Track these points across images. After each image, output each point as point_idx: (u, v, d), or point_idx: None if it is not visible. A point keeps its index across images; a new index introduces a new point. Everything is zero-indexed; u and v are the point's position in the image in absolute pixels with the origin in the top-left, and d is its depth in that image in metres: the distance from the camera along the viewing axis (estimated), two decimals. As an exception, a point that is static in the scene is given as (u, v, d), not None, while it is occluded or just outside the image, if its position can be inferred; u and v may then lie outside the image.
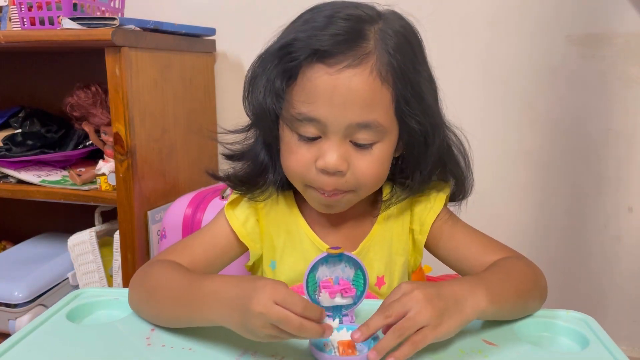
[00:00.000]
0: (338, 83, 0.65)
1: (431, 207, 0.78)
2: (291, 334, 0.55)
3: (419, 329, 0.57)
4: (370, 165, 0.69)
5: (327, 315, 0.64)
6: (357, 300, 0.65)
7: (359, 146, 0.68)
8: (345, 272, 0.65)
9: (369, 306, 0.71)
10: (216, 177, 0.81)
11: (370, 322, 0.58)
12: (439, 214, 0.79)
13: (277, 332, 0.55)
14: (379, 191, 0.78)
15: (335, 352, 0.60)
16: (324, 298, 0.64)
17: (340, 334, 0.63)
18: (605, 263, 1.50)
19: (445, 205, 0.80)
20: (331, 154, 0.67)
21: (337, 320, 0.62)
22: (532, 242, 1.53)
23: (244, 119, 0.80)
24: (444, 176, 0.79)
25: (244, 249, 0.80)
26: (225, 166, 0.82)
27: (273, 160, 0.76)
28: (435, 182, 0.79)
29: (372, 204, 0.81)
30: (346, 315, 0.65)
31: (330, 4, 0.70)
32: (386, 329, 0.58)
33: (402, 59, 0.67)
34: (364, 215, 0.80)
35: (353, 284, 0.65)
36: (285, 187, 0.79)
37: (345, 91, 0.65)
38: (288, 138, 0.70)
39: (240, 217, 0.79)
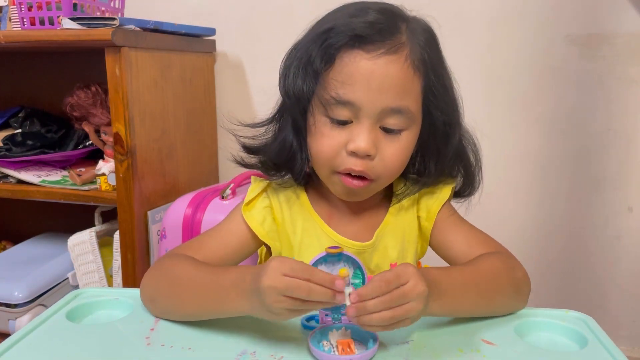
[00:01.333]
0: (375, 68, 0.68)
1: (437, 196, 0.81)
2: (305, 303, 0.57)
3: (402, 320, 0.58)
4: (397, 152, 0.72)
5: (326, 315, 0.64)
6: (356, 299, 0.65)
7: (388, 132, 0.71)
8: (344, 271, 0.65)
9: (368, 306, 0.71)
10: (246, 165, 0.82)
11: (371, 286, 0.58)
12: (444, 204, 0.81)
13: (292, 303, 0.57)
14: (390, 186, 0.81)
15: (334, 352, 0.60)
16: (323, 298, 0.64)
17: (339, 333, 0.63)
18: (605, 263, 1.50)
19: (450, 197, 0.82)
20: (362, 137, 0.69)
21: (351, 287, 0.61)
22: (532, 242, 1.53)
23: (244, 118, 0.80)
24: (452, 171, 0.81)
25: (255, 249, 0.82)
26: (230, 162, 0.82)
27: (300, 146, 0.77)
28: (444, 178, 0.82)
29: (383, 199, 0.83)
30: (345, 314, 0.65)
31: (360, 2, 0.74)
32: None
33: (431, 53, 0.72)
34: (376, 208, 0.82)
35: (352, 283, 0.65)
36: (302, 182, 0.81)
37: (381, 76, 0.68)
38: (320, 122, 0.72)
39: (257, 217, 0.80)
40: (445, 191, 0.81)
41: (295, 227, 0.81)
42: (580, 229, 1.51)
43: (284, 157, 0.77)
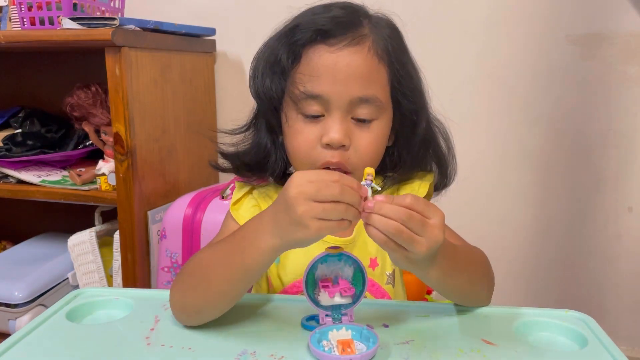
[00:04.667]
0: (339, 60, 0.70)
1: (416, 192, 0.81)
2: (336, 207, 0.56)
3: (402, 247, 0.57)
4: (370, 141, 0.73)
5: (326, 315, 0.64)
6: (356, 299, 0.65)
7: (359, 122, 0.72)
8: (344, 271, 0.65)
9: (368, 306, 0.71)
10: (218, 168, 0.84)
11: (398, 198, 0.58)
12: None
13: (322, 210, 0.55)
14: None
15: (334, 351, 0.60)
16: (323, 297, 0.64)
17: (339, 333, 0.63)
18: (605, 263, 1.50)
19: (429, 194, 0.82)
20: (335, 129, 0.71)
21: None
22: (532, 242, 1.53)
23: (244, 119, 0.80)
24: (426, 165, 0.82)
25: None
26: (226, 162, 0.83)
27: (275, 146, 0.79)
28: (420, 172, 0.82)
29: None
30: (345, 314, 0.65)
31: (324, 2, 0.76)
32: None
33: (394, 43, 0.74)
34: None
35: (352, 284, 0.65)
36: (283, 179, 0.81)
37: (345, 67, 0.70)
38: (292, 119, 0.74)
39: (245, 215, 0.80)
40: (423, 187, 0.81)
41: None
42: (580, 229, 1.51)
43: (258, 158, 0.79)
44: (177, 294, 0.70)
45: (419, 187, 0.81)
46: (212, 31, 1.54)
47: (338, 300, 0.64)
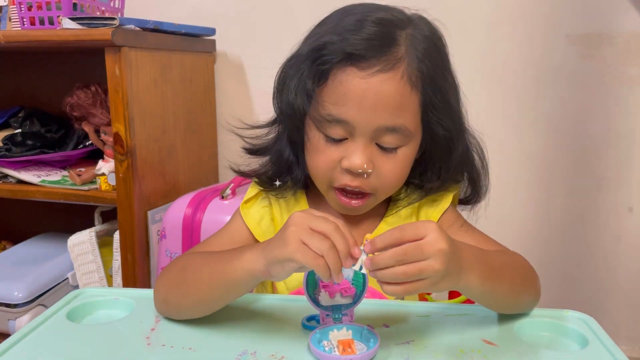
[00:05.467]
0: (369, 87, 0.66)
1: (438, 204, 0.79)
2: (323, 239, 0.55)
3: (420, 279, 0.55)
4: (394, 168, 0.71)
5: (327, 315, 0.64)
6: (356, 299, 0.65)
7: (384, 149, 0.69)
8: (344, 271, 0.65)
9: (368, 306, 0.71)
10: (243, 174, 0.82)
11: (384, 235, 0.56)
12: (445, 211, 0.79)
13: (310, 235, 0.55)
14: None
15: (335, 352, 0.60)
16: (324, 297, 0.64)
17: (340, 333, 0.62)
18: (605, 263, 1.50)
19: (453, 204, 0.80)
20: (357, 155, 0.68)
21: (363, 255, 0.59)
22: (533, 242, 1.53)
23: (244, 119, 0.80)
24: (457, 178, 0.79)
25: None
26: (239, 160, 0.82)
27: (298, 158, 0.77)
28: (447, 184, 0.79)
29: (381, 205, 0.81)
30: (346, 314, 0.65)
31: (359, 6, 0.71)
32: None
33: (431, 65, 0.68)
34: (373, 214, 0.80)
35: (352, 284, 0.65)
36: (302, 186, 0.80)
37: (375, 95, 0.66)
38: (315, 138, 0.71)
39: (255, 216, 0.80)
40: (447, 199, 0.79)
41: None
42: (580, 229, 1.51)
43: (281, 169, 0.77)
44: (162, 290, 0.71)
45: (442, 200, 0.79)
46: (212, 31, 1.54)
47: (338, 300, 0.64)
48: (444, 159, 0.75)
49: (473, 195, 0.81)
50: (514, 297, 0.68)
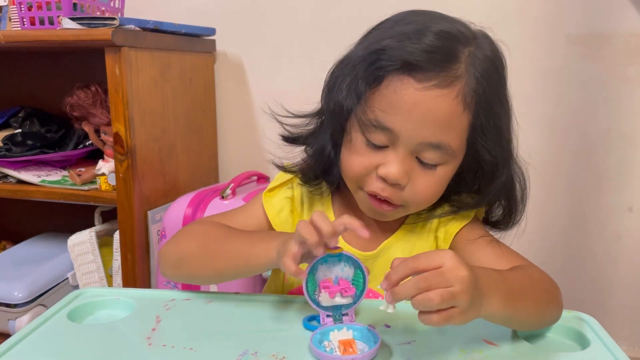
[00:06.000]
0: (422, 100, 0.64)
1: (459, 217, 0.77)
2: (312, 234, 0.59)
3: (449, 308, 0.53)
4: (430, 185, 0.69)
5: (327, 315, 0.64)
6: (356, 299, 0.65)
7: (423, 164, 0.68)
8: (344, 271, 0.65)
9: (368, 306, 0.71)
10: (287, 170, 0.81)
11: (397, 267, 0.54)
12: (465, 225, 0.77)
13: (305, 226, 0.59)
14: None
15: (335, 352, 0.60)
16: (324, 298, 0.64)
17: (341, 333, 0.63)
18: (605, 263, 1.50)
19: (475, 218, 0.78)
20: (395, 165, 0.67)
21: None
22: (533, 242, 1.53)
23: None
24: (492, 204, 0.77)
25: None
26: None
27: (337, 157, 0.75)
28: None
29: None
30: (346, 314, 0.65)
31: (420, 13, 0.70)
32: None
33: (488, 87, 0.66)
34: (390, 221, 0.78)
35: (352, 284, 0.65)
36: (335, 188, 0.80)
37: (426, 109, 0.64)
38: (356, 139, 0.69)
39: (276, 205, 0.80)
40: (469, 214, 0.77)
41: None
42: (580, 229, 1.51)
43: (322, 166, 0.76)
44: (176, 252, 0.74)
45: (463, 213, 0.76)
46: (212, 31, 1.54)
47: (339, 300, 0.64)
48: (484, 184, 0.73)
49: (503, 223, 0.79)
50: (538, 316, 0.66)
